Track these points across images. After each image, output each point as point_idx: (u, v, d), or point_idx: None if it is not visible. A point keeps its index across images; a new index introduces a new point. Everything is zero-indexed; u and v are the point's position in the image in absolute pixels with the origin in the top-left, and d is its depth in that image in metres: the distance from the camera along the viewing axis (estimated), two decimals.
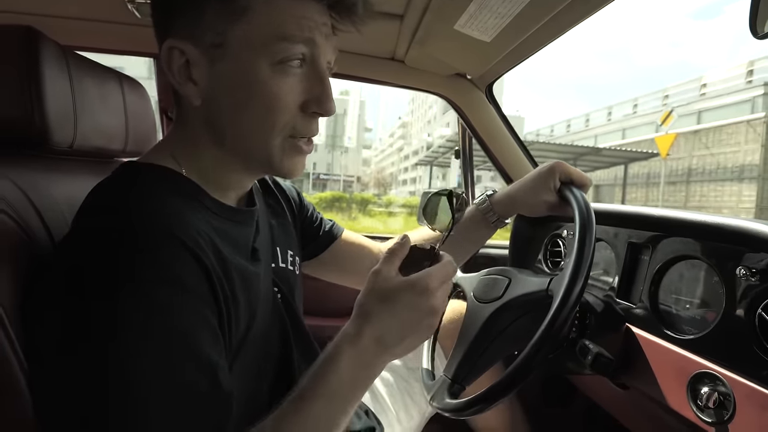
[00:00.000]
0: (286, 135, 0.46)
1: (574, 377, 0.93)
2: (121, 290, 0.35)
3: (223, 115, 0.45)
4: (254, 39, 0.43)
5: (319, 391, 0.41)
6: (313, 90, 0.46)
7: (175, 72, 0.45)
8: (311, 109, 0.46)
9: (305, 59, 0.45)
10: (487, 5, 0.67)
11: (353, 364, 0.42)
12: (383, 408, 0.82)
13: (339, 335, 0.44)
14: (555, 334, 0.51)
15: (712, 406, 0.50)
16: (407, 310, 0.42)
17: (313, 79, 0.46)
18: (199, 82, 0.45)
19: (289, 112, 0.45)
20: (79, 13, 0.92)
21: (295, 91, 0.45)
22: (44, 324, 0.37)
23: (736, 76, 17.77)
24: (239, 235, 0.50)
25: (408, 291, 0.42)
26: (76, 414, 0.34)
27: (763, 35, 0.40)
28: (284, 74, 0.44)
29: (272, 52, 0.43)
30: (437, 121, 38.87)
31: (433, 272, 0.43)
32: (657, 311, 0.63)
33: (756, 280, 0.50)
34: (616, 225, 0.74)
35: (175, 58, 0.44)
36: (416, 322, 0.43)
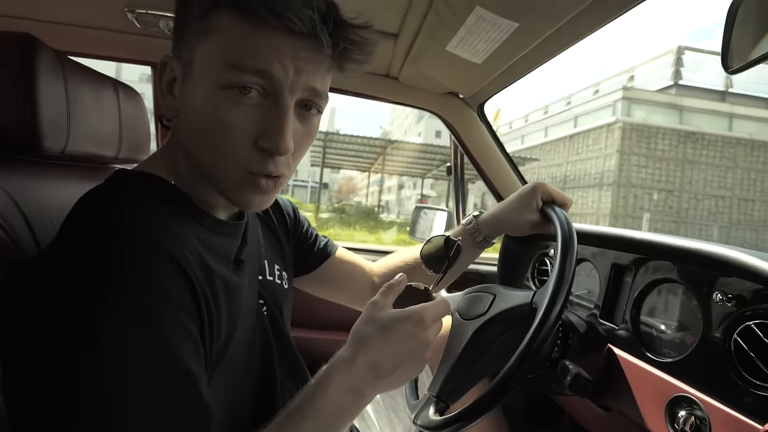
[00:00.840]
0: (241, 169, 0.43)
1: (559, 398, 0.93)
2: (104, 300, 0.35)
3: (186, 133, 0.46)
4: (210, 61, 0.42)
5: (306, 413, 0.41)
6: (266, 124, 0.42)
7: (163, 84, 0.47)
8: (262, 144, 0.42)
9: (267, 91, 0.42)
10: (475, 30, 0.70)
11: (343, 388, 0.42)
12: (368, 424, 0.81)
13: (333, 359, 0.45)
14: (538, 346, 0.52)
15: (689, 430, 0.50)
16: (402, 338, 0.44)
17: (270, 114, 0.42)
18: (177, 96, 0.46)
19: (239, 143, 0.42)
20: (78, 20, 0.93)
21: (247, 122, 0.42)
22: (23, 330, 0.37)
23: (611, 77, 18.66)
24: (223, 246, 0.50)
25: (404, 321, 0.45)
26: (52, 424, 0.33)
27: (734, 70, 0.41)
28: (233, 102, 0.41)
29: (220, 77, 0.41)
30: (411, 131, 39.14)
31: (428, 307, 0.46)
32: (638, 333, 0.64)
33: (732, 306, 0.51)
34: (600, 246, 0.75)
35: (166, 72, 0.46)
36: (410, 352, 0.44)
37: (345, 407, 0.43)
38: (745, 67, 0.41)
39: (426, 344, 0.45)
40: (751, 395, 0.47)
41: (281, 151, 0.42)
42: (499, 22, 0.66)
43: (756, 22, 0.41)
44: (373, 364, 0.43)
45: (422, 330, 0.44)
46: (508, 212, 0.76)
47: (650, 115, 15.38)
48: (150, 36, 0.93)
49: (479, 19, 0.65)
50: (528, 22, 0.66)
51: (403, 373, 0.45)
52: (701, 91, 18.07)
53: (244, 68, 0.41)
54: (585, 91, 21.16)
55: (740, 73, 0.42)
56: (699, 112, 16.27)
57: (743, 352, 0.49)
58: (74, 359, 0.34)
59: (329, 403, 0.42)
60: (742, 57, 0.41)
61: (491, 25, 0.67)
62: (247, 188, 0.45)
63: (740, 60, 0.42)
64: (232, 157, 0.43)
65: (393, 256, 0.83)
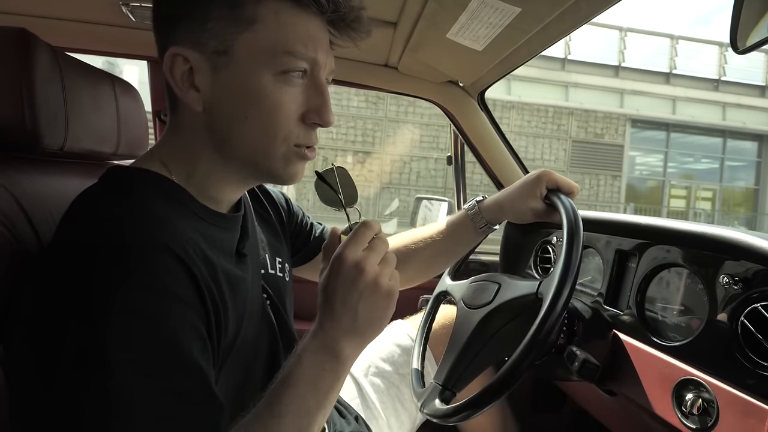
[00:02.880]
0: (289, 144, 0.47)
1: (563, 384, 0.94)
2: (109, 299, 0.35)
3: (225, 122, 0.46)
4: (260, 49, 0.44)
5: (287, 381, 0.43)
6: (312, 101, 0.47)
7: (177, 79, 0.45)
8: (311, 119, 0.47)
9: (306, 72, 0.47)
10: (477, 15, 0.69)
11: (315, 350, 0.44)
12: (374, 414, 0.82)
13: (305, 334, 0.46)
14: (545, 336, 0.52)
15: (696, 413, 0.51)
16: (343, 284, 0.44)
17: (313, 90, 0.47)
18: (201, 88, 0.45)
19: (290, 121, 0.46)
20: (73, 14, 0.92)
21: (296, 101, 0.46)
22: (29, 329, 0.37)
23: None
24: (224, 239, 0.50)
25: (329, 271, 0.45)
26: (63, 424, 0.33)
27: (743, 50, 0.41)
28: (286, 84, 0.45)
29: (276, 64, 0.44)
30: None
31: (343, 246, 0.45)
32: (643, 318, 0.64)
33: (738, 289, 0.51)
34: (604, 233, 0.75)
35: (178, 65, 0.44)
36: (359, 292, 0.44)
37: (323, 369, 0.43)
38: (753, 47, 0.40)
39: (367, 276, 0.44)
40: (758, 377, 0.48)
41: (329, 123, 0.48)
42: (502, 6, 0.65)
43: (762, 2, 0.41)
44: (333, 322, 0.44)
45: (352, 266, 0.44)
46: (511, 199, 0.76)
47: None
48: (145, 30, 0.92)
49: (481, 3, 0.65)
50: (530, 7, 0.65)
51: (367, 316, 0.44)
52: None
53: (300, 55, 0.45)
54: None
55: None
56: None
57: (750, 334, 0.49)
58: (82, 360, 0.34)
59: (306, 367, 0.43)
60: (751, 37, 0.40)
61: (493, 10, 0.66)
62: (295, 161, 0.49)
63: (746, 41, 0.41)
64: (283, 135, 0.46)
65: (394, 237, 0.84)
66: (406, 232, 0.85)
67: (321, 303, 0.46)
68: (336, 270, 0.44)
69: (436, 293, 0.82)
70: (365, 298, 0.44)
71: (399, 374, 0.86)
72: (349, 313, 0.44)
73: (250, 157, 0.47)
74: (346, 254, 0.44)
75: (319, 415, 0.43)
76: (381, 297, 0.44)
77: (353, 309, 0.44)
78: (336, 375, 0.44)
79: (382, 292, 0.44)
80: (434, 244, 0.80)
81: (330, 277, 0.45)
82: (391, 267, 0.46)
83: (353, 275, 0.44)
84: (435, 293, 0.82)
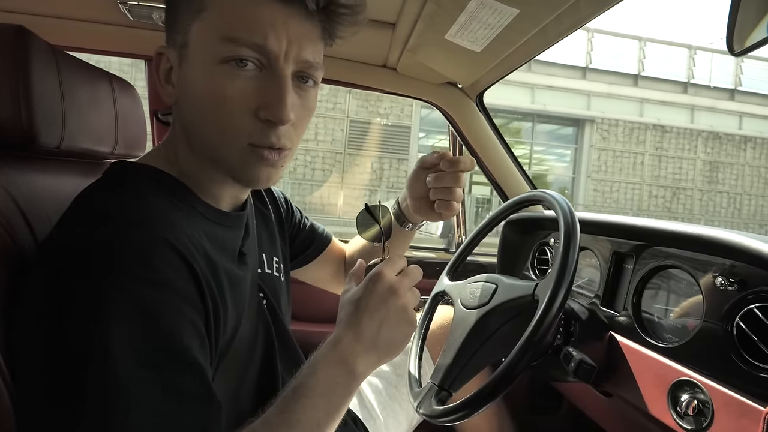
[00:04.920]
0: (244, 143, 0.44)
1: (560, 385, 0.94)
2: (106, 294, 0.35)
3: (187, 115, 0.46)
4: (207, 38, 0.42)
5: (300, 392, 0.43)
6: (266, 95, 0.42)
7: (160, 76, 0.47)
8: (264, 115, 0.43)
9: (263, 63, 0.43)
10: (476, 17, 0.69)
11: (332, 363, 0.44)
12: (371, 415, 0.81)
13: (321, 343, 0.46)
14: (540, 337, 0.52)
15: (692, 414, 0.51)
16: (374, 301, 0.46)
17: (269, 84, 0.43)
18: (174, 84, 0.46)
19: (239, 116, 0.43)
20: (70, 13, 0.92)
21: (247, 94, 0.42)
22: (28, 327, 0.37)
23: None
24: (228, 238, 0.50)
25: (368, 286, 0.47)
26: (62, 419, 0.33)
27: (740, 52, 0.41)
28: (232, 76, 0.42)
29: (217, 52, 0.42)
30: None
31: (382, 266, 0.49)
32: (639, 319, 0.64)
33: (734, 290, 0.52)
34: (601, 234, 0.75)
35: (162, 63, 0.46)
36: (386, 310, 0.46)
37: (338, 382, 0.44)
38: (749, 49, 0.40)
39: (399, 299, 0.47)
40: (753, 378, 0.48)
41: (283, 120, 0.43)
42: (500, 8, 0.65)
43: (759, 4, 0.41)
44: (356, 335, 0.45)
45: (387, 286, 0.47)
46: (410, 192, 0.69)
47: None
48: (143, 28, 0.92)
49: (480, 5, 0.65)
50: (529, 8, 0.65)
51: (389, 337, 0.46)
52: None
53: (240, 41, 0.41)
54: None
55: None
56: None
57: (745, 335, 0.50)
58: (81, 356, 0.34)
59: (320, 379, 0.43)
60: (747, 39, 0.40)
61: (492, 11, 0.66)
62: (253, 162, 0.45)
63: (744, 42, 0.42)
64: (233, 130, 0.43)
65: (358, 238, 0.81)
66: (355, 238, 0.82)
67: (345, 315, 0.47)
68: (372, 286, 0.47)
69: (434, 293, 0.82)
70: (391, 318, 0.46)
71: (397, 374, 0.86)
72: (372, 329, 0.46)
73: (209, 154, 0.46)
74: (385, 273, 0.47)
75: (329, 426, 0.44)
76: (405, 322, 0.47)
77: (378, 326, 0.46)
78: (349, 390, 0.45)
79: (408, 318, 0.47)
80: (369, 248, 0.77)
81: (365, 291, 0.47)
82: (417, 299, 0.50)
83: (386, 295, 0.47)
84: (432, 293, 0.82)
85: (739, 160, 11.75)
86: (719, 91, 11.39)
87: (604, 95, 10.80)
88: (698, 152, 11.52)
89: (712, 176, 11.68)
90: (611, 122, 11.00)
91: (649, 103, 11.03)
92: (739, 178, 11.80)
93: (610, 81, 10.74)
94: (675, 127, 11.28)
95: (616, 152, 11.13)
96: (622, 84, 10.89)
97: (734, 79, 11.37)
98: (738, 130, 11.60)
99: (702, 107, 11.27)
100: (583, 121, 10.93)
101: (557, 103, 10.49)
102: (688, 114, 11.33)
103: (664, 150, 11.37)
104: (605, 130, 11.05)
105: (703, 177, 11.63)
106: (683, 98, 11.21)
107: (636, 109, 11.07)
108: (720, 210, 11.76)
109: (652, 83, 10.99)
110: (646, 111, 11.07)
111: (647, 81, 10.97)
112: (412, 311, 0.48)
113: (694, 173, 11.55)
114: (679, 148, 11.45)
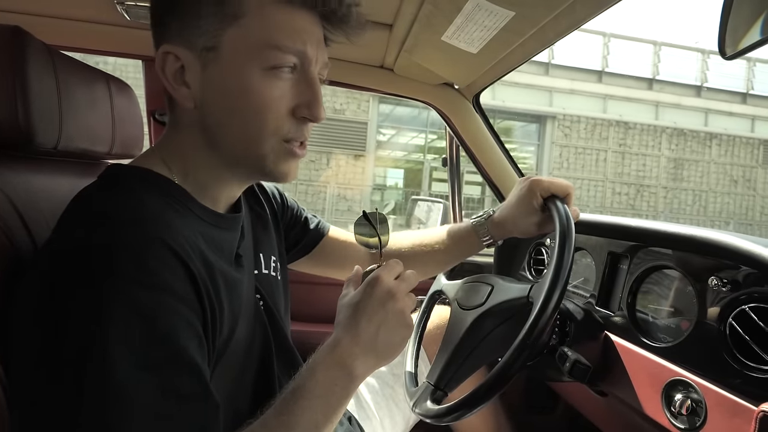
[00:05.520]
0: (279, 139, 0.47)
1: (556, 384, 0.95)
2: (104, 296, 0.35)
3: (215, 118, 0.46)
4: (247, 44, 0.44)
5: (298, 394, 0.43)
6: (303, 95, 0.47)
7: (169, 76, 0.45)
8: (301, 113, 0.47)
9: (296, 67, 0.46)
10: (472, 18, 0.69)
11: (330, 365, 0.45)
12: (367, 414, 0.82)
13: (320, 346, 0.47)
14: (535, 339, 0.52)
15: (685, 413, 0.51)
16: (371, 304, 0.48)
17: (304, 85, 0.47)
18: (192, 85, 0.46)
19: (278, 115, 0.46)
20: (67, 13, 0.91)
21: (286, 96, 0.46)
22: (24, 328, 0.37)
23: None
24: (224, 240, 0.50)
25: (365, 290, 0.49)
26: (59, 420, 0.33)
27: (731, 55, 0.41)
28: (275, 79, 0.45)
29: (264, 59, 0.44)
30: None
31: (379, 270, 0.51)
32: (634, 319, 0.65)
33: (727, 291, 0.52)
34: (596, 235, 0.75)
35: (169, 63, 0.45)
36: (384, 313, 0.47)
37: (336, 384, 0.45)
38: (740, 52, 0.41)
39: (397, 303, 0.48)
40: (745, 377, 0.48)
41: (320, 117, 0.48)
42: (496, 10, 0.65)
43: (751, 7, 0.41)
44: (354, 338, 0.46)
45: (385, 290, 0.48)
46: (512, 217, 0.74)
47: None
48: (140, 29, 0.92)
49: (476, 6, 0.65)
50: (524, 10, 0.66)
51: (387, 339, 0.47)
52: None
53: (285, 49, 0.45)
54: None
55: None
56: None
57: (738, 335, 0.50)
58: (79, 357, 0.34)
59: (319, 382, 0.44)
60: (738, 43, 0.41)
61: (488, 13, 0.66)
62: (284, 156, 0.48)
63: (736, 46, 0.42)
64: (273, 129, 0.46)
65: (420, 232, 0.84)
66: (407, 233, 0.85)
67: (343, 318, 0.49)
68: (371, 290, 0.48)
69: (431, 292, 0.82)
70: (389, 321, 0.47)
71: (393, 374, 0.86)
72: (371, 332, 0.47)
73: (240, 153, 0.47)
74: (383, 277, 0.49)
75: (327, 428, 0.44)
76: (402, 326, 0.48)
77: (376, 329, 0.47)
78: (347, 392, 0.45)
79: (405, 322, 0.49)
80: (436, 252, 0.79)
81: (363, 295, 0.48)
82: (414, 303, 0.51)
83: (385, 298, 0.48)
84: (429, 292, 0.83)
85: (704, 157, 11.62)
86: (685, 88, 11.28)
87: (567, 91, 10.65)
88: (662, 149, 11.40)
89: (677, 173, 11.57)
90: (573, 118, 10.85)
91: (613, 99, 10.90)
92: (704, 176, 11.67)
93: (572, 77, 10.60)
94: (639, 124, 11.15)
95: (578, 149, 11.00)
96: (585, 80, 10.76)
97: (700, 76, 11.26)
98: (704, 127, 11.45)
99: (667, 104, 11.14)
100: (545, 117, 10.79)
101: (519, 99, 10.41)
102: (652, 110, 11.19)
103: (627, 147, 11.24)
104: (567, 127, 10.91)
105: (668, 174, 11.51)
106: (648, 95, 11.08)
107: (599, 105, 10.93)
108: (685, 207, 11.64)
109: (617, 79, 10.86)
110: (609, 107, 10.95)
111: (611, 77, 10.84)
112: (410, 315, 0.49)
113: (658, 170, 11.42)
114: (643, 144, 11.32)
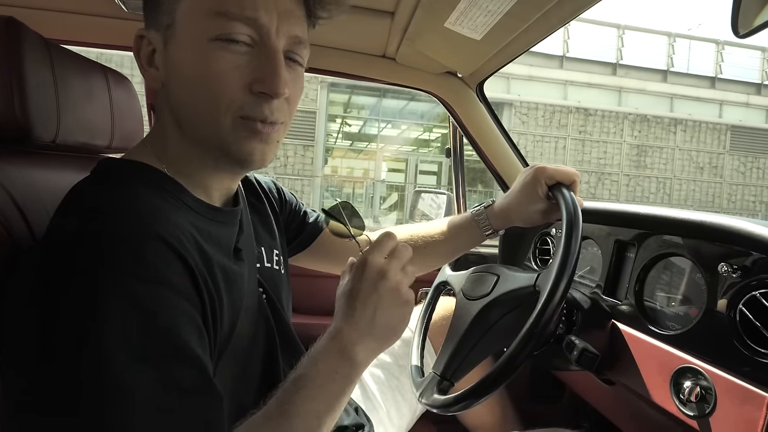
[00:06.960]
0: (236, 115, 0.44)
1: (562, 373, 0.95)
2: (101, 290, 0.34)
3: (176, 97, 0.46)
4: (196, 15, 0.42)
5: (300, 383, 0.43)
6: (260, 70, 0.43)
7: (143, 60, 0.46)
8: (258, 89, 0.43)
9: (254, 40, 0.43)
10: (476, 2, 0.68)
11: (331, 353, 0.45)
12: (374, 405, 0.82)
13: (321, 335, 0.47)
14: (542, 328, 0.52)
15: (694, 400, 0.51)
16: (366, 288, 0.46)
17: (263, 57, 0.43)
18: (159, 66, 0.46)
19: (231, 90, 0.43)
20: (63, 5, 0.90)
21: (240, 69, 0.43)
22: (20, 323, 0.36)
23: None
24: (222, 234, 0.49)
25: (353, 275, 0.47)
26: (58, 417, 0.33)
27: (744, 34, 0.40)
28: (223, 50, 0.42)
29: (211, 28, 0.42)
30: None
31: (366, 252, 0.48)
32: (642, 307, 0.64)
33: (737, 277, 0.51)
34: (603, 223, 0.74)
35: (143, 47, 0.46)
36: (379, 296, 0.46)
37: (337, 372, 0.44)
38: (755, 30, 0.40)
39: (389, 281, 0.46)
40: (756, 364, 0.48)
41: (278, 92, 0.43)
42: None
43: None
44: (352, 324, 0.45)
45: (375, 271, 0.46)
46: (516, 205, 0.73)
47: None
48: (138, 21, 0.90)
49: None
50: None
51: (385, 320, 0.46)
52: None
53: (231, 15, 0.41)
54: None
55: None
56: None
57: (748, 321, 0.50)
58: (76, 351, 0.33)
59: (320, 371, 0.43)
60: (754, 20, 0.39)
61: None
62: (245, 135, 0.44)
63: (752, 23, 0.41)
64: (226, 104, 0.43)
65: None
66: (407, 226, 0.84)
67: (340, 307, 0.47)
68: (360, 274, 0.46)
69: (436, 283, 0.82)
70: (385, 302, 0.46)
71: (399, 365, 0.86)
72: (367, 315, 0.45)
73: (202, 132, 0.45)
74: (370, 259, 0.46)
75: (329, 417, 0.44)
76: (400, 304, 0.46)
77: (372, 311, 0.45)
78: (349, 380, 0.45)
79: (402, 300, 0.47)
80: (435, 244, 0.78)
81: (354, 281, 0.47)
82: (411, 278, 0.48)
83: (376, 279, 0.46)
84: (435, 284, 0.82)
85: (668, 144, 11.37)
86: (650, 72, 10.98)
87: (525, 78, 10.41)
88: (625, 135, 11.15)
89: (640, 160, 11.31)
90: (530, 105, 10.62)
91: (573, 85, 10.66)
92: (668, 162, 11.44)
93: (531, 63, 10.31)
94: (600, 110, 10.90)
95: (537, 136, 10.79)
96: (545, 66, 10.50)
97: (667, 60, 10.97)
98: (668, 113, 11.18)
99: (631, 89, 10.87)
100: (501, 104, 10.53)
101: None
102: (615, 96, 10.91)
103: (588, 134, 10.99)
104: (524, 114, 10.70)
105: (630, 161, 11.25)
106: (611, 80, 10.79)
107: (560, 92, 10.68)
108: (648, 195, 11.40)
109: (579, 65, 10.63)
110: (570, 94, 10.69)
111: (573, 62, 10.61)
112: (407, 291, 0.47)
113: (620, 157, 11.17)
114: (605, 131, 11.07)
